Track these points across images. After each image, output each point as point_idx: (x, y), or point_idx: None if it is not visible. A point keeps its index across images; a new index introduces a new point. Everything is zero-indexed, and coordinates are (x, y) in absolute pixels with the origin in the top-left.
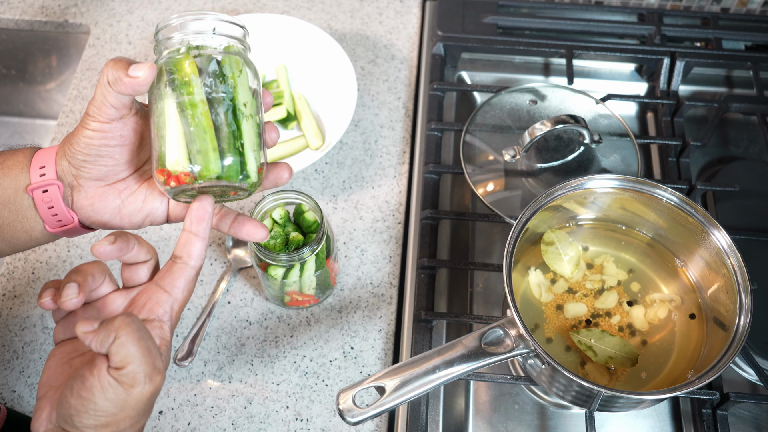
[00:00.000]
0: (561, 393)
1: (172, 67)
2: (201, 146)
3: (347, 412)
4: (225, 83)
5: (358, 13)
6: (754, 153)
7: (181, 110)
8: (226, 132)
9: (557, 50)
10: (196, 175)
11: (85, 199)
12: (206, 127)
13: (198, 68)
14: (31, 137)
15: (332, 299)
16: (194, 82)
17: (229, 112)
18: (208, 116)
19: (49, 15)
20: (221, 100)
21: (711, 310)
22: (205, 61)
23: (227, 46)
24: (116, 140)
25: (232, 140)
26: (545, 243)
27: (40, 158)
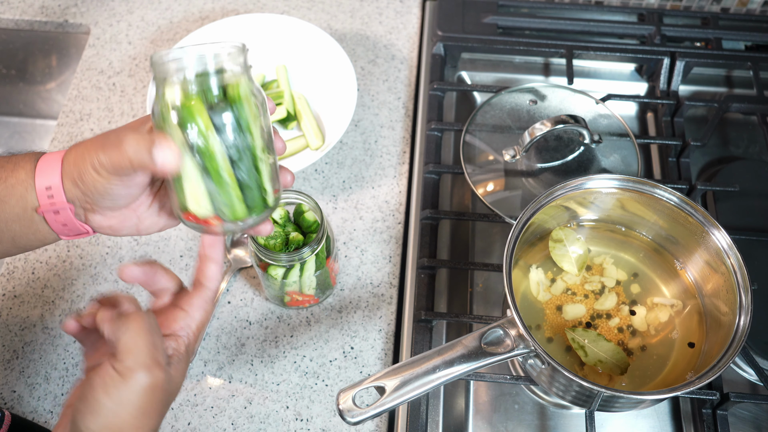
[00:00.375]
0: (561, 393)
1: (185, 119)
2: (227, 199)
3: (347, 412)
4: (242, 132)
5: (358, 13)
6: (754, 153)
7: (201, 167)
8: (250, 182)
9: (557, 50)
10: (224, 219)
11: (103, 220)
12: (229, 180)
13: (215, 125)
14: (31, 137)
15: (332, 299)
16: (214, 142)
17: (248, 159)
18: (230, 170)
19: (49, 15)
20: (244, 153)
21: (711, 310)
22: (221, 113)
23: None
24: (136, 187)
25: (256, 185)
26: (553, 240)
27: (45, 177)
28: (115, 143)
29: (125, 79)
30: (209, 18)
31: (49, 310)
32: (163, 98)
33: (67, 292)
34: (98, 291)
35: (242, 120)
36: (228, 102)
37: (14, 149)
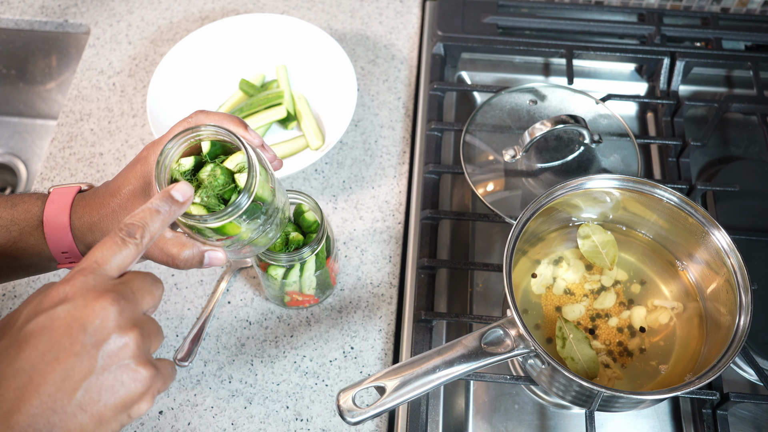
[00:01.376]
0: (561, 393)
1: (222, 232)
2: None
3: (347, 412)
4: (271, 217)
5: (358, 13)
6: (754, 153)
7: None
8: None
9: (557, 50)
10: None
11: None
12: (258, 240)
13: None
14: (31, 137)
15: (332, 299)
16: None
17: (277, 220)
18: (258, 239)
19: (49, 15)
20: (265, 221)
21: (711, 310)
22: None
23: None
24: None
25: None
26: (581, 237)
27: (58, 244)
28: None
29: (125, 79)
30: (209, 18)
31: None
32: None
33: None
34: None
35: (267, 203)
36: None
37: (14, 148)
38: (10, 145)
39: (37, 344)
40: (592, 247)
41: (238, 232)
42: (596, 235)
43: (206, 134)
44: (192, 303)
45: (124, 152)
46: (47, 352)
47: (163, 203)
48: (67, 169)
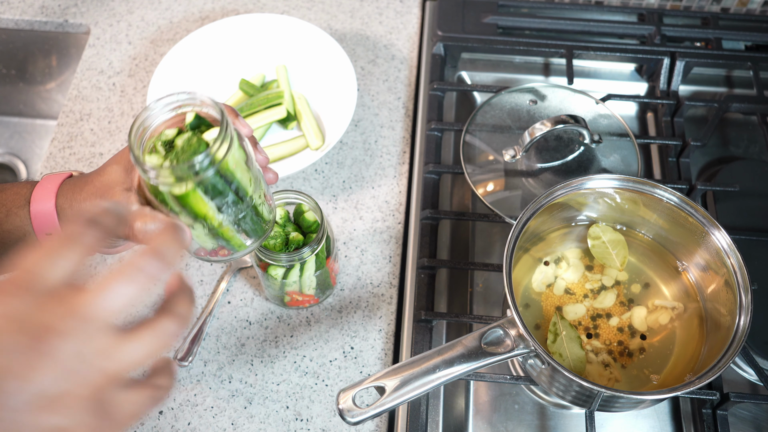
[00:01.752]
0: (561, 393)
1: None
2: (234, 243)
3: (347, 412)
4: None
5: (358, 13)
6: (754, 153)
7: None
8: (250, 225)
9: (557, 50)
10: (231, 252)
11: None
12: (233, 232)
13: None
14: (31, 137)
15: (332, 299)
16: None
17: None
18: (231, 226)
19: (49, 15)
20: (246, 212)
21: (711, 310)
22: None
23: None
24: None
25: (254, 223)
26: (592, 237)
27: (43, 224)
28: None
29: (125, 79)
30: (209, 18)
31: None
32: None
33: None
34: None
35: (242, 187)
36: (225, 179)
37: (14, 148)
38: (10, 145)
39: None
40: (602, 247)
41: (204, 211)
42: (607, 236)
43: (191, 104)
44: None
45: None
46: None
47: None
48: (67, 170)
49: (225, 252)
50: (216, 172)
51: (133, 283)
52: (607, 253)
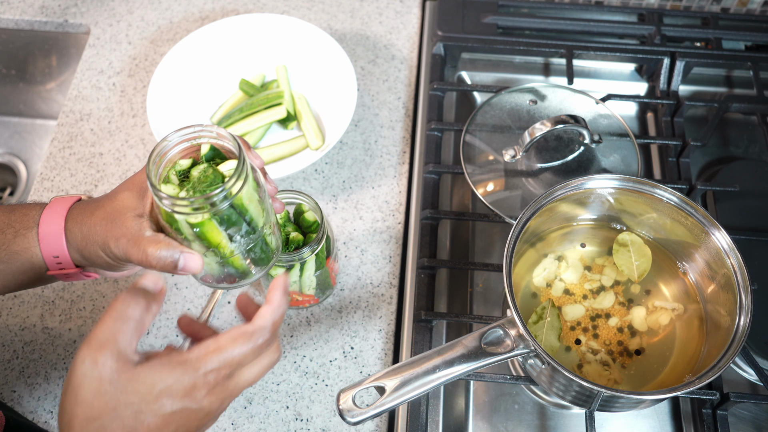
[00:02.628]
0: (561, 393)
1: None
2: (242, 271)
3: (347, 412)
4: (255, 231)
5: (358, 13)
6: (754, 153)
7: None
8: (259, 257)
9: (557, 50)
10: (237, 281)
11: (109, 274)
12: (243, 262)
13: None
14: (31, 137)
15: (332, 299)
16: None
17: (257, 243)
18: (241, 258)
19: (49, 15)
20: (256, 243)
21: (711, 311)
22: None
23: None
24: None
25: (263, 254)
26: (618, 243)
27: (51, 247)
28: (129, 238)
29: (125, 79)
30: (209, 18)
31: (49, 310)
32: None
33: (67, 292)
34: (98, 291)
35: (254, 220)
36: (239, 211)
37: (14, 148)
38: (10, 145)
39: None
40: (626, 255)
41: (217, 240)
42: (635, 246)
43: (207, 136)
44: (192, 303)
45: (124, 152)
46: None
47: (285, 301)
48: (67, 169)
49: (231, 280)
50: (231, 205)
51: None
52: (628, 262)
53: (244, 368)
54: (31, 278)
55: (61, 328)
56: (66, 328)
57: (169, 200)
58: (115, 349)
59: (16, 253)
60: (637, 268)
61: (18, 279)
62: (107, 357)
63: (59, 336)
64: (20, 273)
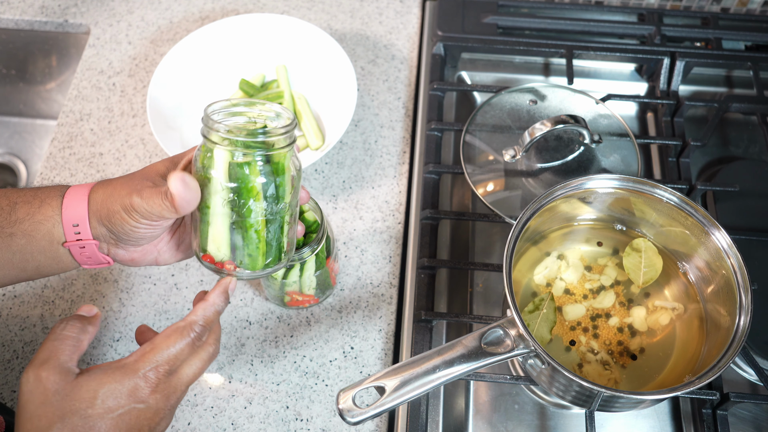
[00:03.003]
0: (561, 393)
1: (237, 179)
2: (251, 252)
3: (347, 412)
4: (279, 202)
5: (358, 13)
6: (754, 153)
7: (237, 224)
8: (273, 242)
9: (557, 50)
10: (241, 269)
11: (126, 255)
12: (257, 238)
13: (260, 190)
14: (31, 137)
15: (332, 299)
16: (254, 205)
17: (278, 223)
18: (261, 230)
19: (49, 15)
20: (275, 218)
21: (711, 310)
22: (267, 182)
23: (283, 157)
24: (162, 228)
25: (277, 244)
26: (632, 248)
27: (72, 215)
28: (152, 187)
29: (125, 79)
30: (209, 18)
31: (49, 310)
32: (214, 155)
33: (67, 292)
34: (98, 291)
35: (282, 189)
36: (274, 171)
37: (14, 148)
38: (10, 145)
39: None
40: (636, 260)
41: (248, 188)
42: (648, 253)
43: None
44: (192, 303)
45: (124, 152)
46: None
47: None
48: (67, 169)
49: (231, 267)
50: (272, 161)
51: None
52: (636, 268)
53: (183, 364)
54: (48, 258)
55: None
56: None
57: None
58: (57, 363)
59: (39, 223)
60: (644, 275)
61: (36, 259)
62: (50, 371)
63: None
64: (38, 252)
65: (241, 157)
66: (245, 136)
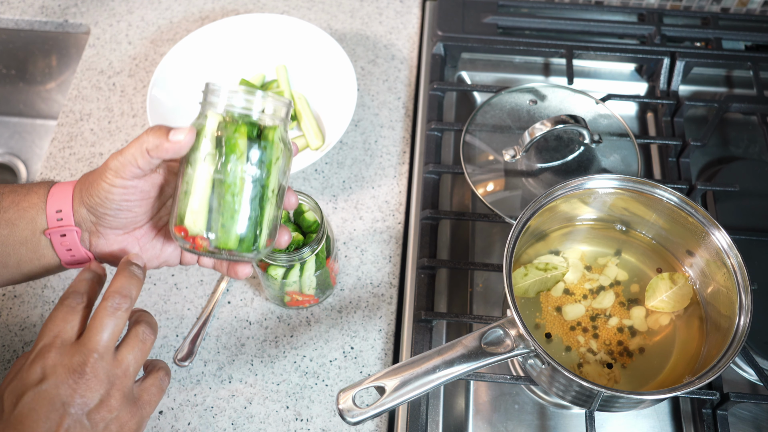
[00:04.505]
0: (561, 393)
1: (223, 141)
2: (225, 222)
3: (347, 412)
4: (262, 169)
5: (358, 13)
6: (754, 153)
7: (217, 186)
8: (251, 214)
9: (557, 50)
10: (213, 244)
11: (106, 246)
12: (236, 207)
13: (245, 150)
14: (31, 137)
15: (332, 299)
16: (237, 165)
17: (257, 196)
18: (240, 198)
19: (49, 15)
20: (255, 186)
21: (711, 311)
22: (253, 144)
23: (273, 129)
24: (137, 195)
25: (254, 221)
26: (671, 278)
27: (56, 201)
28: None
29: (125, 79)
30: (209, 18)
31: (49, 310)
32: (207, 117)
33: None
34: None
35: (269, 159)
36: (263, 140)
37: (14, 148)
38: (10, 145)
39: (32, 423)
40: (661, 288)
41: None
42: (675, 289)
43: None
44: (192, 303)
45: None
46: (43, 428)
47: (135, 267)
48: (67, 169)
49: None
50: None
51: (113, 320)
52: (657, 293)
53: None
54: (29, 251)
55: None
56: None
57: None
58: None
59: (24, 210)
60: (659, 301)
61: (17, 252)
62: None
63: None
64: (20, 243)
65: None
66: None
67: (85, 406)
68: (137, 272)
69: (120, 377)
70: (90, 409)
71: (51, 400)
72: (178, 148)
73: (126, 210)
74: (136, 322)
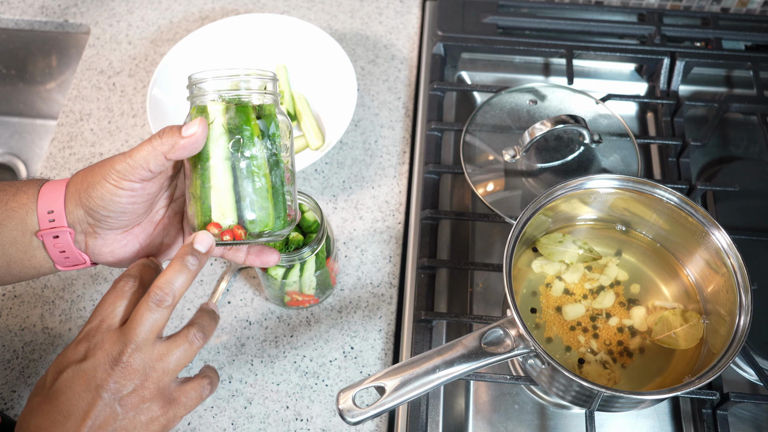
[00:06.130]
0: (561, 393)
1: (234, 125)
2: (261, 204)
3: (347, 412)
4: (276, 144)
5: (358, 13)
6: (754, 153)
7: (240, 172)
8: (279, 190)
9: (557, 50)
10: (253, 229)
11: (104, 246)
12: (266, 188)
13: (258, 130)
14: (31, 137)
15: (332, 299)
16: (257, 143)
17: (278, 173)
18: (268, 179)
19: (49, 15)
20: (275, 162)
21: (711, 311)
22: (262, 122)
23: (272, 106)
24: (144, 198)
25: (282, 197)
26: (683, 315)
27: (47, 201)
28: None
29: (125, 79)
30: (209, 18)
31: (49, 310)
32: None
33: (67, 292)
34: (98, 291)
35: (278, 134)
36: (267, 117)
37: (14, 148)
38: (10, 145)
39: (66, 400)
40: (673, 322)
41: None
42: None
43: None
44: (192, 303)
45: None
46: (75, 406)
47: (191, 258)
48: (67, 169)
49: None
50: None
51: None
52: (668, 327)
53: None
54: (19, 252)
55: (61, 328)
56: (66, 328)
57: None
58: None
59: (12, 210)
60: (665, 336)
61: (7, 253)
62: None
63: (59, 336)
64: (9, 243)
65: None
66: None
67: (118, 392)
68: (191, 265)
69: (158, 371)
70: (122, 395)
71: (87, 381)
72: (193, 141)
73: (131, 212)
74: (191, 323)
